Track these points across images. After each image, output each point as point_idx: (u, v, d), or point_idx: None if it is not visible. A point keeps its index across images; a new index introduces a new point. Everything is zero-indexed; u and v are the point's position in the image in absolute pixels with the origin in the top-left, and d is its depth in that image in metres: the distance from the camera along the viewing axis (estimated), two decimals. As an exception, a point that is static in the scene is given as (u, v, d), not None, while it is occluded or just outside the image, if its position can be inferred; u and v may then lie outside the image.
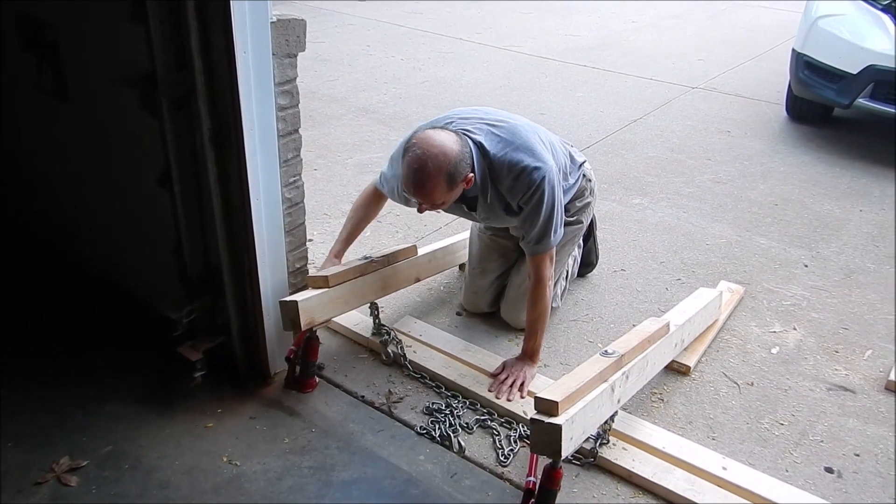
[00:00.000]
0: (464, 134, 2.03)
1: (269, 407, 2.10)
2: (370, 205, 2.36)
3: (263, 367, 2.17)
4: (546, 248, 2.11)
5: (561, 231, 2.15)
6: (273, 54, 1.83)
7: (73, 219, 2.61)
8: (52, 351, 2.28)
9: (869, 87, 3.85)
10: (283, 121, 1.95)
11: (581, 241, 2.64)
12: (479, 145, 2.03)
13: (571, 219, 2.37)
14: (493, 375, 2.19)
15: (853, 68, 3.87)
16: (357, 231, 2.37)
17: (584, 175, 2.39)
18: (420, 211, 2.07)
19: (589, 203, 2.45)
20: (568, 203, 2.32)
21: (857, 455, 1.99)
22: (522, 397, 2.11)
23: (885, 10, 3.83)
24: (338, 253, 2.33)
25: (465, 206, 2.19)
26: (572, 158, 2.34)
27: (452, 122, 2.11)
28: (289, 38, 1.87)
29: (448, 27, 6.89)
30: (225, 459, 1.90)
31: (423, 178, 1.92)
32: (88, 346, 2.29)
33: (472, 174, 1.99)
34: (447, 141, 1.95)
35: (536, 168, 2.03)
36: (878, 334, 2.52)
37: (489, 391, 2.13)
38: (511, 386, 2.13)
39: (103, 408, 2.06)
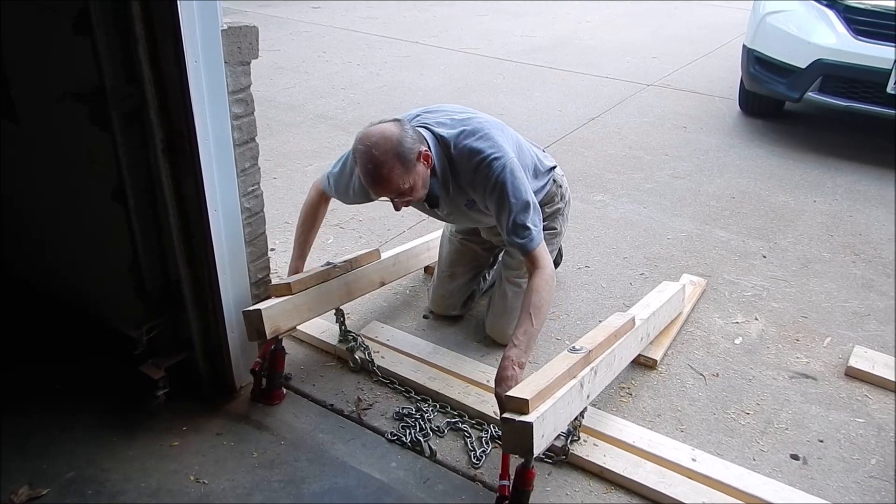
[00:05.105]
0: (422, 126, 2.02)
1: (236, 421, 2.06)
2: (318, 211, 2.32)
3: (229, 382, 2.13)
4: (532, 244, 1.99)
5: (539, 221, 2.04)
6: (225, 62, 1.80)
7: (25, 238, 2.53)
8: (7, 376, 2.20)
9: (818, 81, 3.96)
10: (239, 129, 1.91)
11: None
12: (437, 136, 2.02)
13: (543, 223, 2.31)
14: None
15: (802, 63, 3.97)
16: (309, 242, 2.33)
17: (553, 180, 2.37)
18: (397, 208, 2.03)
19: (559, 209, 2.42)
20: None
21: (821, 441, 2.03)
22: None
23: (830, 5, 3.94)
24: (296, 270, 2.28)
25: (427, 203, 2.15)
26: (540, 161, 2.31)
27: (418, 115, 2.10)
28: (241, 46, 1.84)
29: (404, 31, 6.89)
30: (192, 478, 1.86)
31: (375, 167, 1.90)
32: (46, 370, 2.22)
33: (425, 149, 1.96)
34: (385, 127, 1.95)
35: (496, 157, 1.99)
36: (836, 322, 2.58)
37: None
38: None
39: (64, 432, 1.99)
